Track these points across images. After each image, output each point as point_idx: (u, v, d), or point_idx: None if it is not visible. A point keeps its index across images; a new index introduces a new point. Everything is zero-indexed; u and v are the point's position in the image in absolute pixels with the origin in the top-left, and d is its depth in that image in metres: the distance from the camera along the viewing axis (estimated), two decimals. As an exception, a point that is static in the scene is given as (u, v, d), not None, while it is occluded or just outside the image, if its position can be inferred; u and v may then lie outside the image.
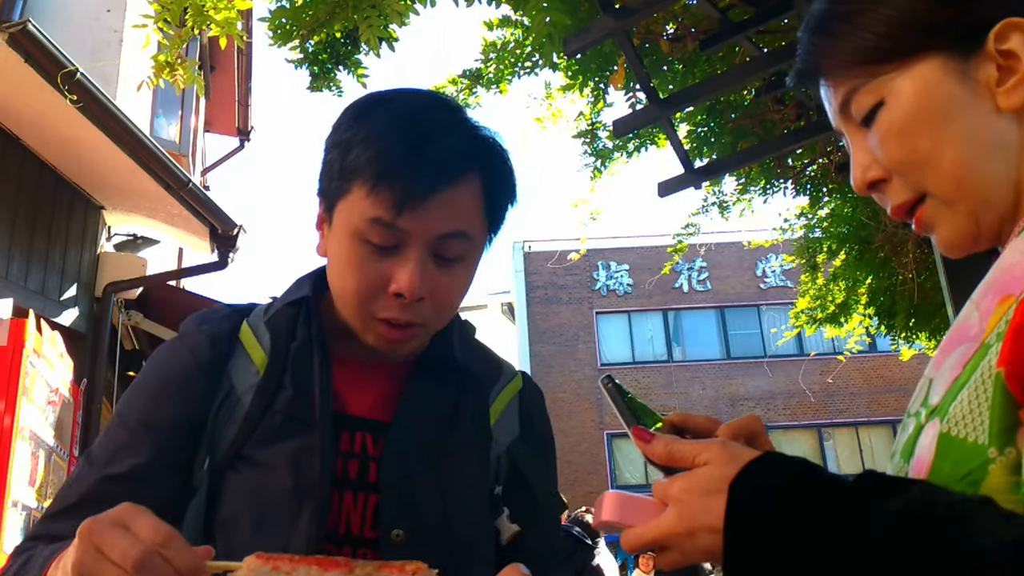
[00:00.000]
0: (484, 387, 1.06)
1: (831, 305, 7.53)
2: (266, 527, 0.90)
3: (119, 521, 0.70)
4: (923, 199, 0.73)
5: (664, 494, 0.67)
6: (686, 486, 0.65)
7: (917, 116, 0.70)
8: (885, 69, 0.72)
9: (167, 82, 3.69)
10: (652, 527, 0.67)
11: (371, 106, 0.95)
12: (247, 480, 0.92)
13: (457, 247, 0.93)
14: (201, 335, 1.00)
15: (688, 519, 0.64)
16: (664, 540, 0.66)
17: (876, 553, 0.55)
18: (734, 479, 0.62)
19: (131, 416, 0.95)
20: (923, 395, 0.72)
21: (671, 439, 0.71)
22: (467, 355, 1.06)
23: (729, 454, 0.65)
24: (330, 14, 3.41)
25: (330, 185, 0.95)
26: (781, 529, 0.59)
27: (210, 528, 0.92)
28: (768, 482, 0.62)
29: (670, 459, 0.70)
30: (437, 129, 0.91)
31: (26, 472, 3.78)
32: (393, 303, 0.91)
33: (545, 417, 1.14)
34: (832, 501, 0.59)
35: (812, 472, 0.62)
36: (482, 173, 0.94)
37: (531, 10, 3.50)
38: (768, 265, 20.78)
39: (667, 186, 4.38)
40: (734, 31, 3.48)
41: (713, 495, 0.63)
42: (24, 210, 4.91)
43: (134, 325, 6.05)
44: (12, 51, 3.86)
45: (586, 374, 20.15)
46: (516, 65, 4.65)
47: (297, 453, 0.91)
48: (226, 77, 9.41)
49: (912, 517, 0.56)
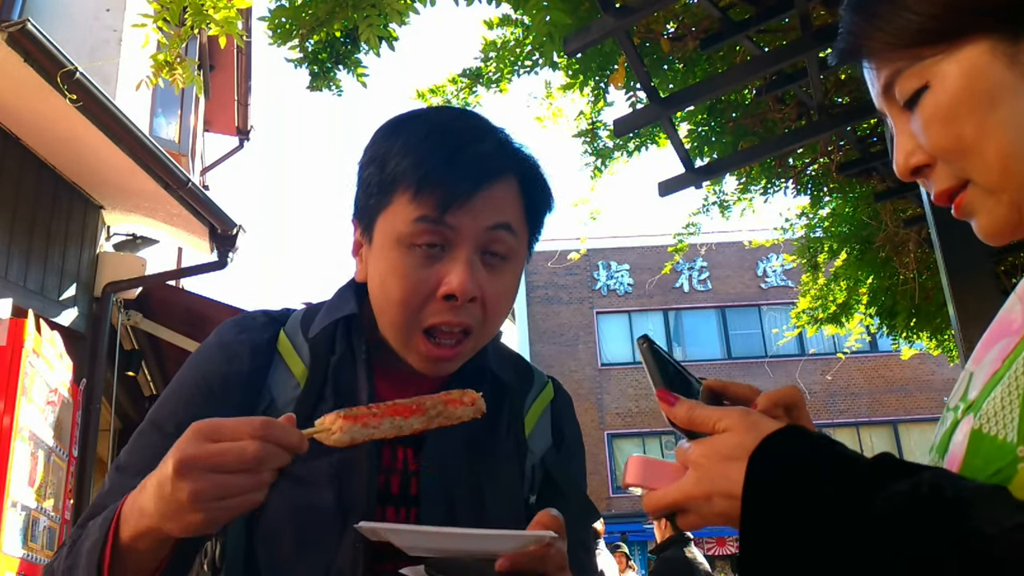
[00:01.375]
0: (519, 397, 1.06)
1: (832, 305, 7.52)
2: (310, 543, 0.89)
3: (204, 436, 0.72)
4: (965, 185, 0.70)
5: (684, 458, 0.69)
6: (705, 451, 0.67)
7: (962, 101, 0.67)
8: (930, 52, 0.68)
9: (166, 81, 3.69)
10: (672, 490, 0.69)
11: (403, 121, 0.96)
12: (288, 495, 0.90)
13: (504, 241, 0.93)
14: (241, 345, 0.99)
15: (706, 483, 0.66)
16: (683, 503, 0.68)
17: (881, 531, 0.55)
18: (755, 449, 0.63)
19: (169, 421, 0.94)
20: (963, 389, 0.71)
21: (694, 404, 0.72)
22: (501, 364, 1.05)
23: (748, 422, 0.67)
24: (330, 13, 3.40)
25: (368, 202, 0.94)
26: (795, 501, 0.60)
27: (250, 545, 0.92)
28: (786, 454, 0.63)
29: (691, 424, 0.71)
30: (472, 136, 0.92)
31: (25, 472, 3.77)
32: (443, 307, 0.90)
33: (575, 423, 1.14)
34: (845, 478, 0.60)
35: (830, 448, 0.63)
36: (519, 177, 0.95)
37: (531, 9, 3.49)
38: (769, 265, 20.78)
39: (668, 185, 4.38)
40: (735, 30, 3.47)
41: (731, 461, 0.65)
42: (23, 210, 4.90)
43: (133, 325, 6.05)
44: (11, 50, 3.85)
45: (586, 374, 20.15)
46: (516, 64, 4.64)
47: (339, 469, 0.90)
48: (225, 76, 9.41)
49: (919, 499, 0.56)
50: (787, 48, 3.46)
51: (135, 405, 7.05)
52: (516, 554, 0.79)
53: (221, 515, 0.73)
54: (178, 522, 0.73)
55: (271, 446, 0.72)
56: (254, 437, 0.72)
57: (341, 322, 1.00)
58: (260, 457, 0.71)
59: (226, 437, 0.72)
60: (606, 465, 19.49)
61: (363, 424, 0.78)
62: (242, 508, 0.73)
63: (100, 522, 0.83)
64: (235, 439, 0.72)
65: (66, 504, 4.44)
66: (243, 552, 0.91)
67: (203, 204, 5.45)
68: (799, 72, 3.87)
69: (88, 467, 5.10)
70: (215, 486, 0.71)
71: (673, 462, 0.72)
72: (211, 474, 0.71)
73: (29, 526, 3.81)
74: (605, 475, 19.37)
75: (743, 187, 5.83)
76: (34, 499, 3.89)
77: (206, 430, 0.73)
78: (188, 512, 0.72)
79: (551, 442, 1.07)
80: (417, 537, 0.80)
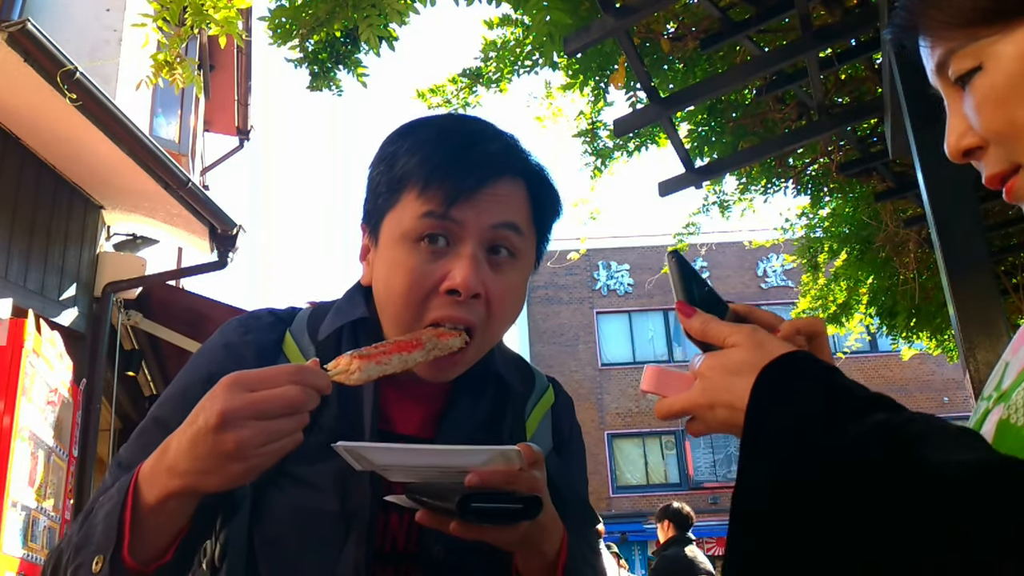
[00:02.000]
0: (522, 402, 1.06)
1: (832, 305, 7.51)
2: (312, 548, 0.89)
3: (243, 385, 0.75)
4: (1018, 170, 0.69)
5: (694, 369, 0.73)
6: (712, 364, 0.71)
7: (1016, 84, 0.65)
8: (986, 32, 0.66)
9: (166, 81, 3.68)
10: (681, 399, 0.73)
11: (413, 125, 0.97)
12: (291, 498, 0.91)
13: (509, 239, 0.93)
14: (246, 346, 0.98)
15: (710, 393, 0.70)
16: (689, 410, 0.73)
17: (848, 454, 0.58)
18: (764, 367, 0.67)
19: (173, 419, 0.92)
20: (997, 379, 0.71)
21: (709, 318, 0.75)
22: (505, 367, 1.05)
23: (756, 340, 0.70)
24: (330, 13, 3.40)
25: (376, 203, 0.95)
26: (787, 419, 0.63)
27: (252, 547, 0.91)
28: (789, 376, 0.66)
29: (704, 336, 0.75)
30: (480, 137, 0.94)
31: (25, 472, 3.77)
32: (446, 301, 0.90)
33: (576, 427, 1.14)
34: (834, 404, 0.62)
35: (831, 376, 0.66)
36: (527, 181, 0.96)
37: (531, 9, 3.49)
38: (769, 265, 20.79)
39: (668, 185, 4.38)
40: (735, 30, 3.48)
41: (735, 375, 0.68)
42: (23, 209, 4.90)
43: (133, 325, 6.05)
44: (11, 50, 3.85)
45: (587, 374, 20.16)
46: (516, 64, 4.64)
47: (343, 474, 0.90)
48: (225, 76, 9.41)
49: (888, 429, 0.58)
50: (787, 48, 3.46)
51: (135, 405, 7.05)
52: (485, 470, 0.80)
53: (266, 461, 0.76)
54: (219, 475, 0.75)
55: (309, 389, 0.76)
56: (292, 382, 0.76)
57: (348, 326, 0.99)
58: (304, 400, 0.76)
59: (265, 385, 0.75)
60: (606, 465, 19.49)
61: (376, 361, 0.82)
62: (284, 451, 0.77)
63: (115, 491, 0.83)
64: (274, 386, 0.75)
65: (66, 504, 4.44)
66: (245, 554, 0.91)
67: (203, 204, 5.45)
68: (799, 72, 3.87)
69: (88, 467, 5.10)
70: (261, 432, 0.74)
71: (686, 372, 0.76)
72: (256, 421, 0.74)
73: (29, 526, 3.81)
74: (605, 475, 19.37)
75: (743, 187, 5.83)
76: (34, 499, 3.89)
77: (243, 381, 0.76)
78: (231, 462, 0.74)
79: (552, 445, 1.07)
80: (389, 454, 0.84)
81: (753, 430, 0.65)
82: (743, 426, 0.66)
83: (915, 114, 2.69)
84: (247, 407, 0.74)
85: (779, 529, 0.59)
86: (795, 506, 0.59)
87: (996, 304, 2.42)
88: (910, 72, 2.74)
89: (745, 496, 0.63)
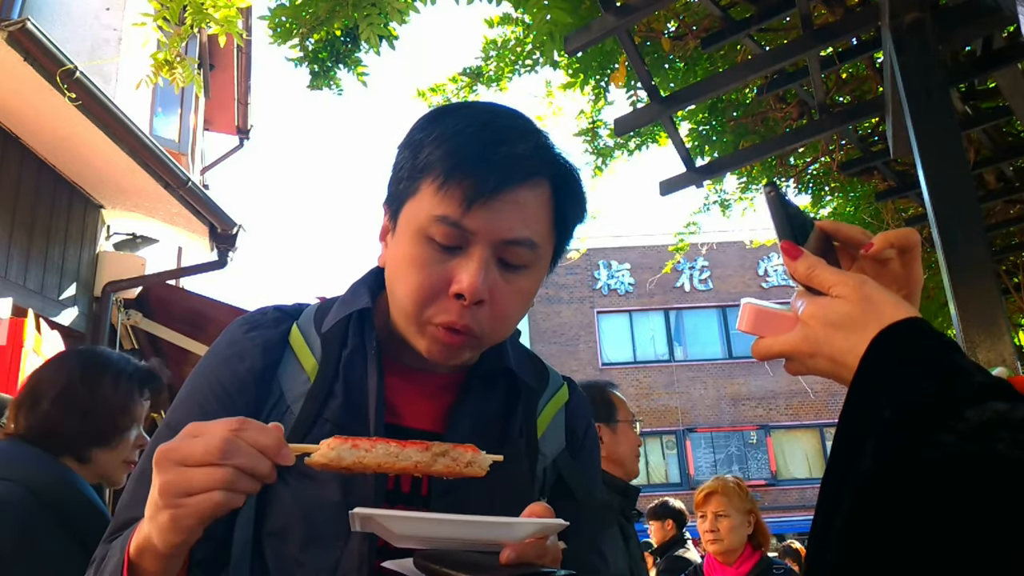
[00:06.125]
0: (534, 398, 1.05)
1: (833, 304, 7.51)
2: (317, 542, 0.89)
3: (187, 433, 0.74)
4: None
5: (797, 312, 0.73)
6: (815, 312, 0.71)
7: None
8: None
9: (166, 80, 3.68)
10: (780, 341, 0.73)
11: (446, 111, 0.95)
12: (296, 492, 0.90)
13: (522, 255, 0.91)
14: (251, 342, 0.98)
15: (811, 343, 0.70)
16: (788, 354, 0.73)
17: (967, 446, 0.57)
18: (875, 338, 0.65)
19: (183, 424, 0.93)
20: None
21: (815, 262, 0.73)
22: (519, 363, 1.05)
23: (862, 294, 0.69)
24: (330, 12, 3.40)
25: (398, 187, 0.94)
26: (903, 399, 0.61)
27: (258, 540, 0.92)
28: (905, 350, 0.65)
29: (809, 281, 0.73)
30: (511, 134, 0.90)
31: (25, 472, 3.76)
32: (452, 305, 0.89)
33: (592, 427, 1.13)
34: (951, 391, 0.60)
35: (947, 356, 0.63)
36: (552, 183, 0.93)
37: (532, 8, 3.49)
38: (770, 264, 20.76)
39: (668, 185, 4.37)
40: (736, 29, 3.47)
41: (838, 329, 0.68)
42: (23, 209, 4.90)
43: (133, 324, 6.04)
44: (11, 50, 3.85)
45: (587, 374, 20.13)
46: (517, 63, 4.64)
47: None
48: (225, 76, 9.41)
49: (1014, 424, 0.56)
50: (788, 47, 3.45)
51: (135, 404, 7.04)
52: (520, 544, 0.78)
53: (183, 514, 0.71)
54: (154, 524, 0.73)
55: (240, 442, 0.72)
56: (228, 431, 0.72)
57: (354, 316, 0.99)
58: (223, 449, 0.71)
59: (204, 432, 0.73)
60: (607, 464, 19.46)
61: (352, 445, 0.76)
62: (203, 508, 0.71)
63: (122, 541, 0.83)
64: (206, 434, 0.73)
65: (66, 503, 4.43)
66: (250, 546, 0.91)
67: (203, 203, 5.44)
68: (800, 71, 3.87)
69: (88, 466, 5.09)
70: (179, 479, 0.71)
71: (785, 312, 0.75)
72: (178, 467, 0.72)
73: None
74: (606, 474, 19.34)
75: (744, 186, 5.83)
76: (34, 498, 3.88)
77: (191, 428, 0.74)
78: (160, 510, 0.72)
79: (564, 444, 1.06)
80: (415, 524, 0.77)
81: (861, 406, 0.63)
82: (847, 396, 0.65)
83: (916, 113, 2.68)
84: (174, 450, 0.72)
85: (889, 514, 0.57)
86: (907, 489, 0.57)
87: (997, 304, 2.41)
88: (911, 71, 2.73)
89: (845, 471, 0.61)
